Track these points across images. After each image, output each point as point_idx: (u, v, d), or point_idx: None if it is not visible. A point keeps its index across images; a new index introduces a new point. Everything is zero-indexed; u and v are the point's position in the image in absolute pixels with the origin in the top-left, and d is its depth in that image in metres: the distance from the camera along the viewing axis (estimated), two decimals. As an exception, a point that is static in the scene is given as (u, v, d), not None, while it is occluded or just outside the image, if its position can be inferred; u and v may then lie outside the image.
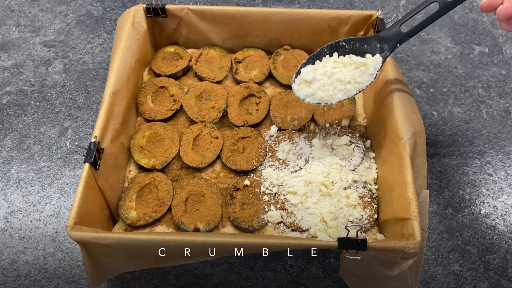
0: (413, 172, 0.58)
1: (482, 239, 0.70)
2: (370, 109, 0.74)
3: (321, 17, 0.79)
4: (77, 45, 0.95)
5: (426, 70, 0.90)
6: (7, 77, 0.89)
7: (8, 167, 0.77)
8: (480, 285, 0.66)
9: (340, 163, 0.69)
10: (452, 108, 0.85)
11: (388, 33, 0.63)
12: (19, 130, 0.82)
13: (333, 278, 0.66)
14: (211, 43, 0.84)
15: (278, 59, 0.82)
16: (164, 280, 0.65)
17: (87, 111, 0.84)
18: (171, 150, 0.70)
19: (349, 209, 0.65)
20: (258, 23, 0.80)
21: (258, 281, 0.65)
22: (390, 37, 0.62)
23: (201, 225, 0.63)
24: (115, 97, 0.67)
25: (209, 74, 0.80)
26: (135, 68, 0.74)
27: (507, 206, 0.73)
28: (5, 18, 1.00)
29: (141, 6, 0.78)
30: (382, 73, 0.70)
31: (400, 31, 0.61)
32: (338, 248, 0.51)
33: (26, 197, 0.74)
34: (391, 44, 0.62)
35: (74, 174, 0.76)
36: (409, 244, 0.51)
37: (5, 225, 0.71)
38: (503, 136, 0.81)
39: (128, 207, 0.65)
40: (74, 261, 0.67)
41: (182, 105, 0.76)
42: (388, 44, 0.62)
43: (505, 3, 0.50)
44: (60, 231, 0.70)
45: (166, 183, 0.67)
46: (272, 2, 1.05)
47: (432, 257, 0.68)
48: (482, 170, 0.77)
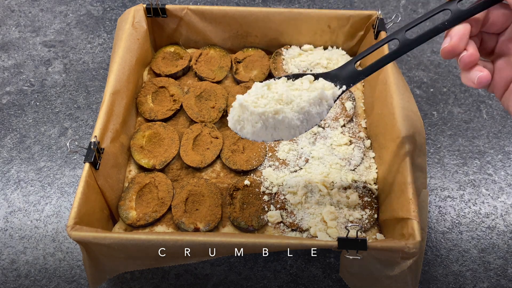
0: (413, 172, 0.58)
1: (482, 239, 0.70)
2: (370, 109, 0.74)
3: (321, 17, 0.79)
4: (77, 45, 0.95)
5: (426, 70, 0.90)
6: (7, 77, 0.89)
7: (8, 167, 0.77)
8: (480, 285, 0.66)
9: (340, 163, 0.69)
10: (452, 108, 0.85)
11: (341, 71, 0.53)
12: (19, 130, 0.82)
13: (333, 278, 0.66)
14: (211, 43, 0.84)
15: (278, 59, 0.82)
16: (164, 280, 0.65)
17: (87, 111, 0.84)
18: (171, 150, 0.70)
19: (349, 209, 0.65)
20: (258, 23, 0.80)
21: (258, 281, 0.65)
22: (344, 75, 0.52)
23: (201, 225, 0.63)
24: (115, 97, 0.67)
25: (209, 74, 0.80)
26: (135, 68, 0.74)
27: (507, 206, 0.73)
28: (5, 18, 1.00)
29: (141, 6, 0.78)
30: (382, 73, 0.70)
31: (355, 69, 0.52)
32: (338, 248, 0.51)
33: (26, 197, 0.74)
34: (344, 83, 0.52)
35: (74, 174, 0.76)
36: (409, 244, 0.51)
37: (5, 225, 0.71)
38: (503, 136, 0.81)
39: (128, 207, 0.65)
40: (74, 261, 0.67)
41: (182, 105, 0.76)
42: (342, 84, 0.52)
43: (470, 50, 0.44)
44: (60, 231, 0.70)
45: (166, 183, 0.67)
46: (272, 2, 1.05)
47: (432, 257, 0.68)
48: (482, 170, 0.77)
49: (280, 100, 0.50)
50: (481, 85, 0.44)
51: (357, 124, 0.75)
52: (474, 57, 0.44)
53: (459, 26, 0.44)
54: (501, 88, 0.46)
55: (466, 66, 0.44)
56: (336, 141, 0.72)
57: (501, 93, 0.46)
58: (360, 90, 0.80)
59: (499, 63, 0.46)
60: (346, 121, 0.75)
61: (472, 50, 0.44)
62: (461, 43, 0.44)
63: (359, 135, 0.73)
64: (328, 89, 0.52)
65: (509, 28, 0.45)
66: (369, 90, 0.76)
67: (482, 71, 0.44)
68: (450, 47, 0.44)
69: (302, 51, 0.83)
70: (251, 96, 0.50)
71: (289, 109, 0.50)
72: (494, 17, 0.45)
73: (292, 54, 0.82)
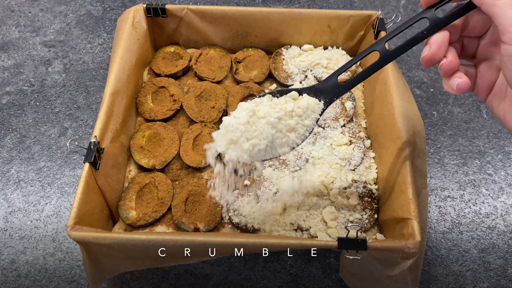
0: (413, 172, 0.58)
1: (482, 239, 0.70)
2: (370, 109, 0.74)
3: (321, 17, 0.79)
4: (77, 45, 0.95)
5: (426, 70, 0.90)
6: (7, 77, 0.89)
7: (8, 167, 0.77)
8: (480, 285, 0.66)
9: (340, 163, 0.69)
10: (452, 108, 0.85)
11: (325, 85, 0.54)
12: (19, 130, 0.82)
13: (333, 278, 0.66)
14: (211, 43, 0.84)
15: (278, 59, 0.82)
16: (164, 280, 0.65)
17: (87, 111, 0.84)
18: (171, 150, 0.70)
19: (349, 209, 0.65)
20: (258, 23, 0.80)
21: (258, 281, 0.65)
22: (328, 89, 0.53)
23: (201, 225, 0.63)
24: (115, 97, 0.67)
25: (209, 74, 0.80)
26: (135, 68, 0.74)
27: (507, 206, 0.73)
28: (5, 18, 1.00)
29: (141, 6, 0.78)
30: (382, 73, 0.70)
31: (337, 83, 0.53)
32: (338, 248, 0.51)
33: (26, 197, 0.74)
34: (328, 97, 0.53)
35: (74, 174, 0.76)
36: (409, 244, 0.51)
37: (5, 225, 0.71)
38: (503, 136, 0.81)
39: (128, 207, 0.65)
40: (74, 261, 0.67)
41: (182, 105, 0.76)
42: (325, 97, 0.53)
43: (449, 57, 0.44)
44: (60, 231, 0.70)
45: (166, 183, 0.67)
46: (272, 2, 1.05)
47: (432, 257, 0.68)
48: (482, 170, 0.77)
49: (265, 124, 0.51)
50: (460, 91, 0.44)
51: (357, 124, 0.75)
52: (453, 65, 0.44)
53: (438, 34, 0.44)
54: (484, 91, 0.46)
55: (446, 73, 0.44)
56: (336, 141, 0.72)
57: (485, 96, 0.46)
58: (360, 90, 0.80)
59: (481, 67, 0.46)
60: (346, 121, 0.75)
61: (451, 58, 0.44)
62: (440, 51, 0.44)
63: (359, 135, 0.73)
64: (311, 105, 0.53)
65: (488, 31, 0.45)
66: (369, 90, 0.76)
67: (461, 78, 0.44)
68: (429, 55, 0.44)
69: (302, 51, 0.83)
70: (236, 119, 0.52)
71: (274, 131, 0.51)
72: (474, 21, 0.45)
73: (292, 54, 0.82)
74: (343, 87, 0.53)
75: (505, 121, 0.44)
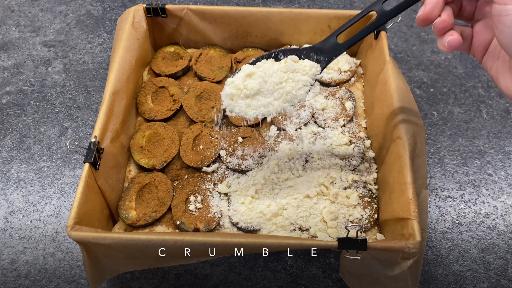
0: (413, 172, 0.58)
1: (482, 239, 0.70)
2: (370, 109, 0.74)
3: (321, 17, 0.79)
4: (77, 45, 0.95)
5: (426, 70, 0.90)
6: (7, 77, 0.89)
7: (8, 167, 0.77)
8: (480, 285, 0.66)
9: (340, 163, 0.69)
10: (452, 108, 0.85)
11: (324, 44, 0.57)
12: (19, 130, 0.82)
13: (333, 278, 0.66)
14: (211, 43, 0.84)
15: (278, 59, 0.82)
16: (164, 280, 0.65)
17: (87, 111, 0.84)
18: (171, 150, 0.70)
19: (349, 209, 0.65)
20: (258, 23, 0.80)
21: (258, 281, 0.65)
22: (327, 49, 0.57)
23: (201, 225, 0.63)
24: (115, 97, 0.67)
25: (209, 74, 0.80)
26: (135, 68, 0.74)
27: (507, 206, 0.73)
28: (5, 18, 1.00)
29: (141, 6, 0.78)
30: (382, 73, 0.70)
31: (337, 42, 0.56)
32: (338, 248, 0.51)
33: (26, 197, 0.74)
34: (327, 56, 0.57)
35: (74, 174, 0.76)
36: (409, 244, 0.51)
37: (5, 225, 0.71)
38: (503, 136, 0.81)
39: (128, 207, 0.65)
40: (74, 261, 0.67)
41: (182, 105, 0.76)
42: (325, 57, 0.57)
43: (443, 16, 0.45)
44: (60, 231, 0.70)
45: (166, 183, 0.67)
46: (272, 2, 1.05)
47: (432, 257, 0.68)
48: (482, 170, 0.77)
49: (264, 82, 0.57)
50: (452, 48, 0.45)
51: (357, 124, 0.75)
52: (446, 23, 0.45)
53: None
54: (480, 51, 0.47)
55: (439, 31, 0.45)
56: (336, 141, 0.72)
57: (481, 56, 0.47)
58: (360, 90, 0.80)
59: (477, 27, 0.47)
60: (346, 121, 0.75)
61: (445, 16, 0.45)
62: (435, 10, 0.45)
63: (359, 135, 0.73)
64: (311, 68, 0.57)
65: None
66: (369, 90, 0.76)
67: (453, 35, 0.45)
68: (423, 14, 0.45)
69: (302, 51, 0.83)
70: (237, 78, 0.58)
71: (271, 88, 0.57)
72: None
73: (292, 54, 0.82)
74: (341, 46, 0.56)
75: (497, 81, 0.46)
